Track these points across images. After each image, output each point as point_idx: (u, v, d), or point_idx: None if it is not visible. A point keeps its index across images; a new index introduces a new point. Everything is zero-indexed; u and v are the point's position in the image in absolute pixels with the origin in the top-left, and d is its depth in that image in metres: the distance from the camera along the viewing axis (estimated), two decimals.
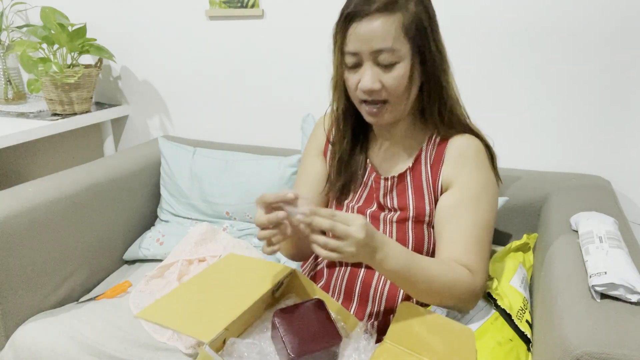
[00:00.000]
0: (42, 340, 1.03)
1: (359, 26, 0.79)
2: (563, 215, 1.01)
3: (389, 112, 0.85)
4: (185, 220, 1.49)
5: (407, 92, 0.83)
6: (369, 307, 0.91)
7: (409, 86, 0.82)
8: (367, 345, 0.80)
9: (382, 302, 0.91)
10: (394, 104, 0.84)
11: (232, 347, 0.75)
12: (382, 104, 0.84)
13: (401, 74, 0.80)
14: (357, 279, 0.93)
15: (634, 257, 0.79)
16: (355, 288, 0.93)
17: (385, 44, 0.78)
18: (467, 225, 0.83)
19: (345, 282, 0.94)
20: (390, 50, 0.78)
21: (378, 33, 0.78)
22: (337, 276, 0.96)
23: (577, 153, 1.30)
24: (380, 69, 0.81)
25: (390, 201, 0.93)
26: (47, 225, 1.17)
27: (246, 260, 0.92)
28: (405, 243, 0.90)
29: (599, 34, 1.20)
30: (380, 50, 0.79)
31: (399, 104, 0.84)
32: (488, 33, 1.29)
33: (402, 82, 0.81)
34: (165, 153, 1.55)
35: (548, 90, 1.28)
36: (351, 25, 0.80)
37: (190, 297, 0.81)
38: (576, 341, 0.63)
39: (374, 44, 0.78)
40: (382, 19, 0.78)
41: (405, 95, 0.83)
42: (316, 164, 1.03)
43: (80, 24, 1.57)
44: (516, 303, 0.91)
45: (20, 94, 1.84)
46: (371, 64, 0.81)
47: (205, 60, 1.64)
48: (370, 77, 0.81)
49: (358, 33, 0.79)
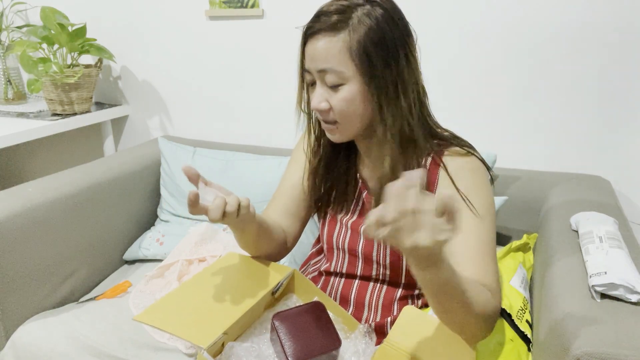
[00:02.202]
0: (42, 340, 1.03)
1: (309, 44, 0.78)
2: (563, 215, 1.01)
3: (340, 132, 0.83)
4: (186, 220, 1.49)
5: (357, 115, 0.80)
6: (365, 314, 0.91)
7: (358, 108, 0.79)
8: (366, 349, 0.80)
9: (379, 310, 0.90)
10: (344, 124, 0.81)
11: (231, 351, 0.75)
12: (333, 124, 0.82)
13: (347, 97, 0.78)
14: (352, 287, 0.93)
15: (634, 257, 0.79)
16: (350, 295, 0.93)
17: (327, 65, 0.76)
18: (472, 245, 0.78)
19: (340, 290, 0.94)
20: (333, 72, 0.76)
21: (322, 53, 0.76)
22: (332, 284, 0.96)
23: (577, 153, 1.30)
24: (329, 90, 0.79)
25: None
26: (47, 225, 1.17)
27: (246, 260, 0.91)
28: (399, 259, 0.88)
29: (599, 34, 1.19)
30: (324, 70, 0.77)
31: (349, 125, 0.81)
32: (488, 33, 1.28)
33: (349, 105, 0.78)
34: (165, 153, 1.55)
35: (548, 90, 1.28)
36: (307, 42, 0.79)
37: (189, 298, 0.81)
38: (576, 341, 0.63)
39: (318, 64, 0.77)
40: (327, 39, 0.76)
41: (354, 117, 0.80)
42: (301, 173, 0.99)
43: (80, 24, 1.57)
44: (516, 303, 0.91)
45: (20, 94, 1.84)
46: (320, 84, 0.79)
47: (205, 60, 1.64)
48: (317, 97, 0.80)
49: (307, 51, 0.79)
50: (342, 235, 0.94)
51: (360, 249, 0.91)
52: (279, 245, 0.94)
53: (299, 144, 1.01)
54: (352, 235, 0.92)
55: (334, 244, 0.96)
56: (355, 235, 0.92)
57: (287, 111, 1.58)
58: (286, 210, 0.97)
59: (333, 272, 0.96)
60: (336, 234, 0.95)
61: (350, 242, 0.93)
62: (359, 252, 0.92)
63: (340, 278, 0.95)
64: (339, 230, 0.95)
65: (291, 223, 0.98)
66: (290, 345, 0.74)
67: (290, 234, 0.98)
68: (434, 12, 1.32)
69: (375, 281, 0.93)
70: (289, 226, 0.97)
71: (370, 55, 0.75)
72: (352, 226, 0.93)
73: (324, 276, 0.98)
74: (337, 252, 0.96)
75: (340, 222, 0.95)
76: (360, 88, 0.78)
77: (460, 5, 1.29)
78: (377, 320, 0.90)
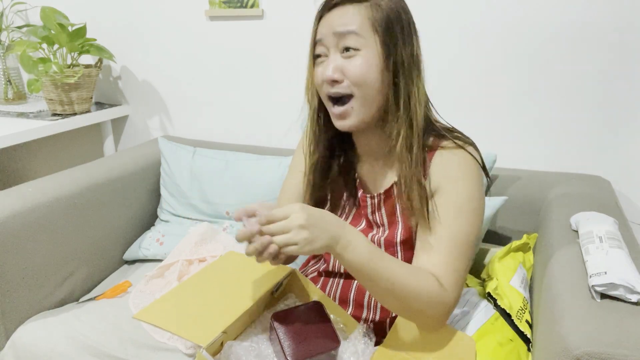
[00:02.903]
0: (42, 340, 1.03)
1: (329, 15, 0.79)
2: (563, 215, 1.01)
3: (355, 111, 0.80)
4: (185, 220, 1.49)
5: (375, 88, 0.79)
6: (364, 313, 0.91)
7: (374, 79, 0.78)
8: (365, 349, 0.80)
9: (377, 310, 0.90)
10: (359, 98, 0.79)
11: (230, 350, 0.75)
12: (348, 99, 0.80)
13: (365, 62, 0.77)
14: (351, 286, 0.93)
15: (634, 257, 0.79)
16: (349, 294, 0.92)
17: (349, 27, 0.77)
18: (441, 235, 0.78)
19: (340, 289, 0.94)
20: (355, 34, 0.77)
21: (345, 18, 0.77)
22: (331, 284, 0.96)
23: (577, 153, 1.30)
24: (345, 60, 0.78)
25: (379, 218, 0.90)
26: (47, 225, 1.17)
27: (246, 259, 0.91)
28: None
29: (599, 34, 1.19)
30: (344, 34, 0.77)
31: (365, 99, 0.79)
32: (488, 33, 1.28)
33: (366, 72, 0.77)
34: (165, 153, 1.55)
35: (548, 90, 1.27)
36: (323, 16, 0.80)
37: (189, 297, 0.81)
38: (576, 341, 0.63)
39: (337, 27, 0.78)
40: (351, 7, 0.77)
41: (370, 88, 0.78)
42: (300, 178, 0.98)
43: (80, 24, 1.57)
44: (516, 303, 0.91)
45: (20, 94, 1.84)
46: (335, 52, 0.79)
47: (205, 60, 1.64)
48: (332, 65, 0.79)
49: (326, 20, 0.79)
50: None
51: None
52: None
53: (299, 147, 1.01)
54: None
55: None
56: None
57: (287, 111, 1.58)
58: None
59: (332, 272, 0.96)
60: None
61: None
62: None
63: (340, 278, 0.95)
64: None
65: None
66: (290, 345, 0.74)
67: None
68: (434, 12, 1.32)
69: None
70: None
71: (392, 30, 0.77)
72: None
73: (323, 277, 0.98)
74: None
75: None
76: (377, 60, 0.78)
77: (460, 5, 1.29)
78: (376, 319, 0.90)
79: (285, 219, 0.68)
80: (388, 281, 0.73)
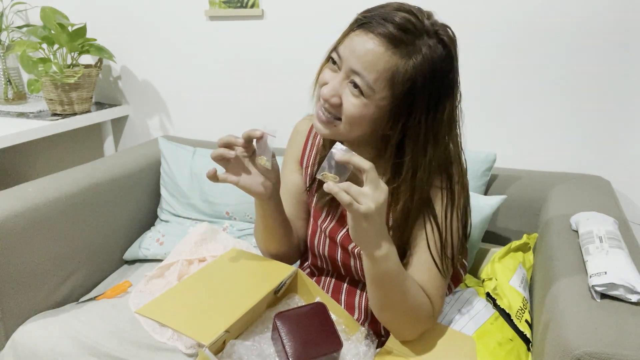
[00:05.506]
0: (42, 340, 1.03)
1: (358, 37, 0.71)
2: (563, 215, 1.01)
3: (336, 129, 0.76)
4: (185, 220, 1.49)
5: (365, 131, 0.75)
6: (356, 314, 0.92)
7: (368, 128, 0.74)
8: (367, 351, 0.80)
9: (369, 311, 0.90)
10: (344, 128, 0.75)
11: (232, 349, 0.75)
12: (333, 119, 0.76)
13: (364, 109, 0.72)
14: (342, 287, 0.94)
15: (634, 257, 0.79)
16: (341, 296, 0.93)
17: (365, 71, 0.70)
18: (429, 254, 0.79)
19: (330, 291, 0.95)
20: (365, 81, 0.70)
21: (365, 56, 0.69)
22: (322, 286, 0.96)
23: (577, 153, 1.30)
24: (349, 87, 0.72)
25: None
26: (47, 226, 1.17)
27: (249, 257, 0.91)
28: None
29: (599, 34, 1.19)
30: (358, 73, 0.70)
31: (349, 133, 0.76)
32: (488, 33, 1.28)
33: (357, 116, 0.72)
34: (165, 153, 1.55)
35: (548, 90, 1.28)
36: (355, 30, 0.72)
37: (192, 294, 0.80)
38: (576, 341, 0.63)
39: (355, 64, 0.70)
40: (378, 47, 0.69)
41: (357, 131, 0.75)
42: (294, 176, 1.00)
43: (80, 24, 1.57)
44: (515, 303, 0.91)
45: (20, 94, 1.84)
46: (344, 77, 0.73)
47: (205, 60, 1.64)
48: (332, 88, 0.73)
49: (353, 40, 0.72)
50: (322, 243, 0.95)
51: (339, 259, 0.92)
52: (295, 247, 0.97)
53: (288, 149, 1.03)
54: (331, 244, 0.93)
55: (315, 250, 0.97)
56: (333, 245, 0.92)
57: (287, 111, 1.58)
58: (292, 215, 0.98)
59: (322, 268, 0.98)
60: (317, 240, 0.96)
61: (329, 250, 0.93)
62: (339, 262, 0.93)
63: (331, 279, 0.96)
64: (318, 236, 0.96)
65: (300, 226, 1.00)
66: (292, 345, 0.74)
67: (301, 238, 1.00)
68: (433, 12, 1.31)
69: (363, 288, 0.93)
70: (297, 229, 0.99)
71: (412, 95, 0.70)
72: (330, 234, 0.92)
73: (315, 277, 0.99)
74: (320, 259, 0.98)
75: (320, 227, 0.95)
76: (379, 114, 0.73)
77: (460, 5, 1.29)
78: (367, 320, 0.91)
79: (374, 188, 0.65)
80: (401, 294, 0.74)
